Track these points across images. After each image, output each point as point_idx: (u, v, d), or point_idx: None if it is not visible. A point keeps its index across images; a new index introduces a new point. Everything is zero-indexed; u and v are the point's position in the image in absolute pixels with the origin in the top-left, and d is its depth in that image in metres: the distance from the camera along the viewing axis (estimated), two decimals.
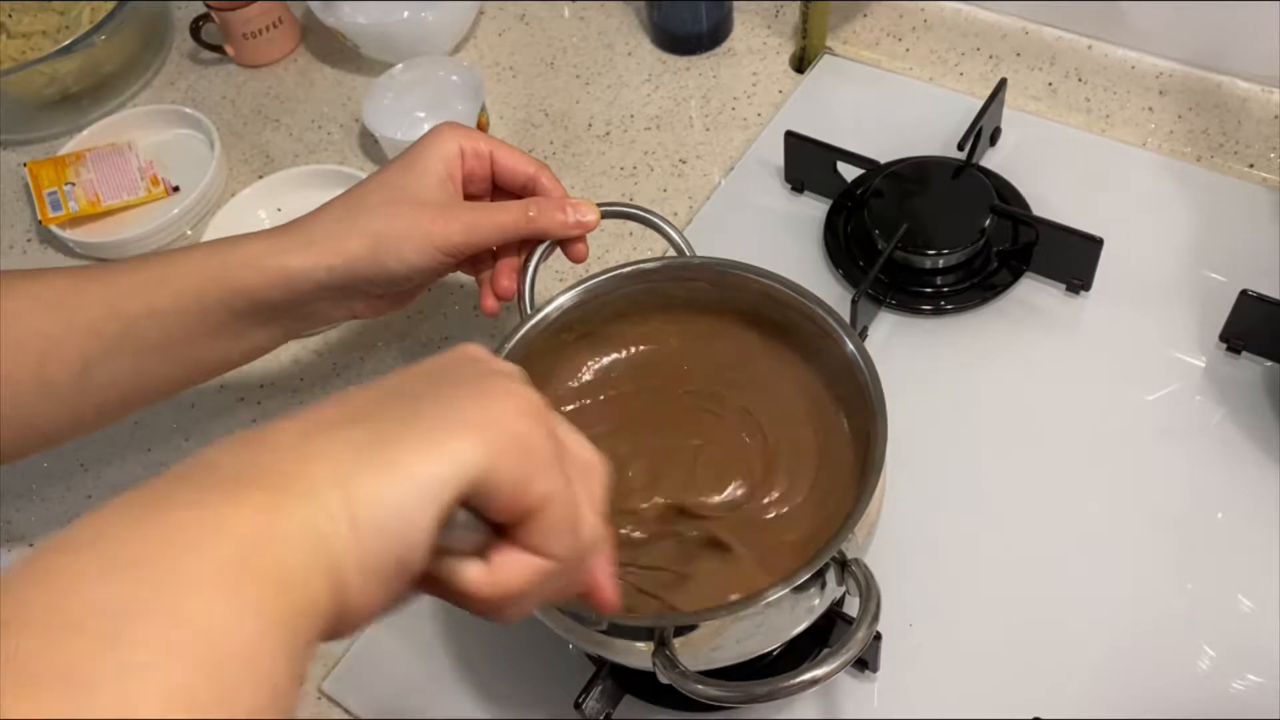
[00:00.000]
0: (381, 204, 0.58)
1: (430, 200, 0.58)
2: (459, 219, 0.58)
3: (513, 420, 0.34)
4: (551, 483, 0.35)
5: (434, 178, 0.58)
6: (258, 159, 0.96)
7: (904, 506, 0.62)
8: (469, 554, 0.35)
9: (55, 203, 0.91)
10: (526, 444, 0.34)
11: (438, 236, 0.58)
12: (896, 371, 0.58)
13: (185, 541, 0.28)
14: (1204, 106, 0.81)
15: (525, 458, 0.34)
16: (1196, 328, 0.72)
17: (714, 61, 0.95)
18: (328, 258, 0.57)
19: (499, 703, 0.63)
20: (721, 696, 0.47)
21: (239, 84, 1.03)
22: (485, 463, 0.32)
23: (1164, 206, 0.79)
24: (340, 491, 0.30)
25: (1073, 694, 0.58)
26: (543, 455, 0.35)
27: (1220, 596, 0.62)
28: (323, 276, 0.58)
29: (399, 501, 0.31)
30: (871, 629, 0.47)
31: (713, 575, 0.55)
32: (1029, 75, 0.87)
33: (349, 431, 0.32)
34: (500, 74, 0.98)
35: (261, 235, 0.60)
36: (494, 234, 0.59)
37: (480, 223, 0.58)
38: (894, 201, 0.77)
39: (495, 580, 0.35)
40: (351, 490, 0.30)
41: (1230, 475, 0.66)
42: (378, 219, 0.58)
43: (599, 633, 0.51)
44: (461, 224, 0.58)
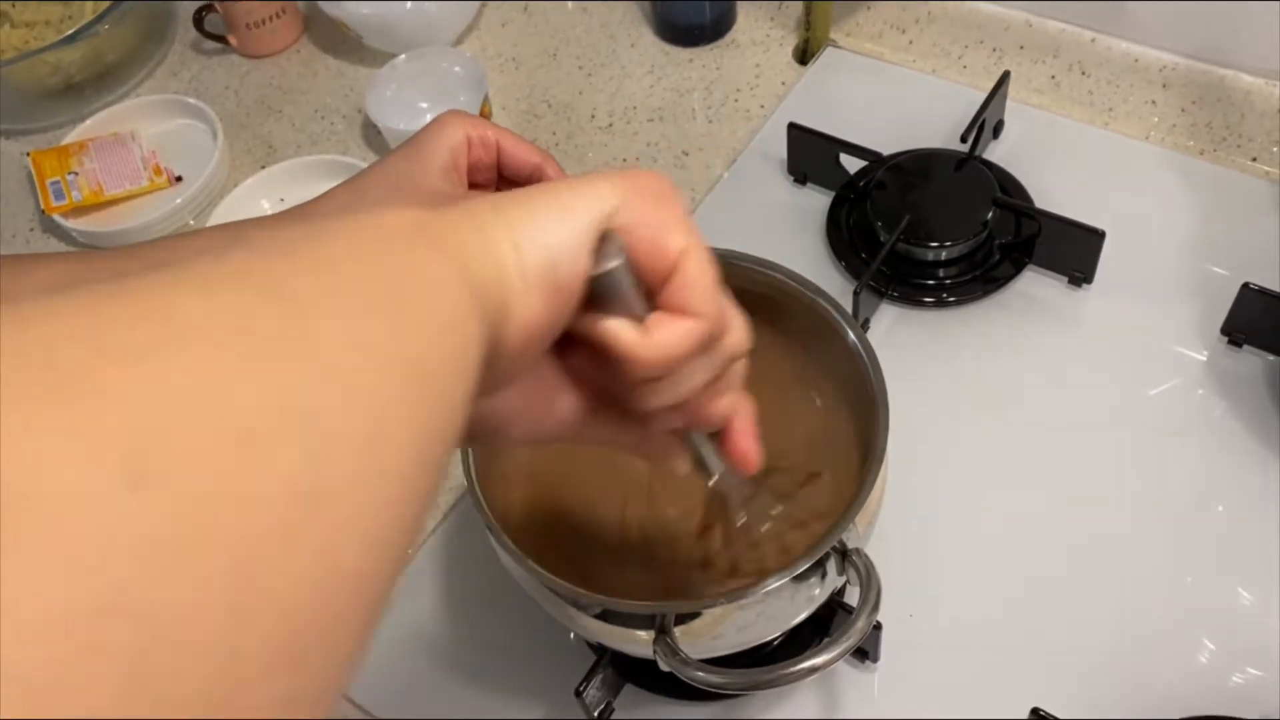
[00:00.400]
0: (385, 192, 0.58)
1: (434, 189, 0.57)
2: None
3: (646, 176, 0.37)
4: (688, 235, 0.37)
5: (438, 166, 0.58)
6: (260, 149, 0.96)
7: (906, 498, 0.62)
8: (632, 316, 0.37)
9: (58, 192, 0.92)
10: (658, 193, 0.37)
11: None
12: (898, 363, 0.58)
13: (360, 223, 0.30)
14: (1207, 100, 0.81)
15: (658, 205, 0.36)
16: (1198, 321, 0.72)
17: (717, 53, 0.95)
18: None
19: (500, 692, 0.63)
20: (721, 683, 0.47)
21: (242, 74, 1.03)
22: (618, 196, 0.35)
23: (1166, 200, 0.79)
24: (498, 213, 0.33)
25: (1072, 686, 0.58)
26: (675, 208, 0.37)
27: (1220, 590, 0.62)
28: None
29: (545, 221, 0.34)
30: (871, 619, 0.48)
31: None
32: (1032, 68, 0.87)
33: (498, 197, 0.35)
34: (503, 65, 0.98)
35: (264, 221, 0.60)
36: None
37: None
38: (896, 193, 0.77)
39: (652, 337, 0.36)
40: (509, 214, 0.33)
41: (1231, 468, 0.66)
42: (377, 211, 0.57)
43: (599, 620, 0.51)
44: None
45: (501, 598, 0.66)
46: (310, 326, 0.24)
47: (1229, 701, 0.57)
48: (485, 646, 0.65)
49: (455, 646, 0.66)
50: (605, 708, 0.61)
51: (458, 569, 0.69)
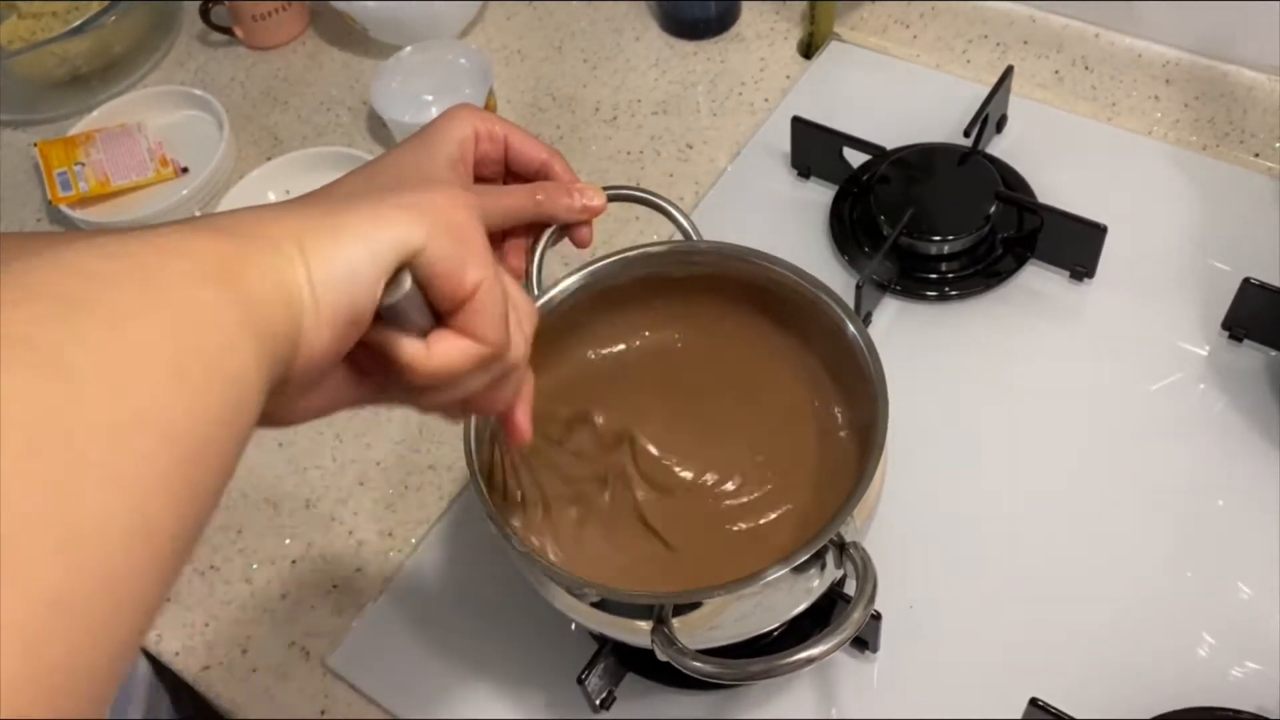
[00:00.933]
0: (391, 183, 0.58)
1: (441, 180, 0.58)
2: (463, 198, 0.58)
3: (450, 209, 0.39)
4: (484, 270, 0.39)
5: (445, 159, 0.58)
6: (266, 141, 0.97)
7: (906, 490, 0.62)
8: (415, 331, 0.39)
9: (65, 183, 0.92)
10: (462, 231, 0.39)
11: None
12: (900, 357, 0.58)
13: (169, 248, 0.31)
14: (1210, 96, 0.81)
15: (461, 242, 0.38)
16: (1199, 316, 0.72)
17: (721, 47, 0.95)
18: None
19: (502, 680, 0.64)
20: (717, 673, 0.47)
21: (248, 66, 1.03)
22: (423, 235, 0.37)
23: (1168, 195, 0.79)
24: (297, 247, 0.34)
25: (1071, 678, 0.58)
26: (476, 244, 0.39)
27: (1220, 584, 0.62)
28: None
29: (347, 258, 0.35)
30: (867, 611, 0.48)
31: None
32: (1036, 63, 0.87)
33: (301, 209, 0.36)
34: (508, 58, 0.98)
35: (266, 206, 0.60)
36: (500, 217, 0.59)
37: (488, 206, 0.58)
38: (900, 188, 0.78)
39: (432, 355, 0.39)
40: (306, 247, 0.34)
41: (1231, 463, 0.66)
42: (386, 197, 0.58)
43: (597, 609, 0.51)
44: None
45: (504, 587, 0.66)
46: (83, 410, 0.25)
47: (1227, 695, 0.57)
48: (488, 635, 0.66)
49: (458, 635, 0.66)
50: (607, 696, 0.61)
51: (461, 559, 0.69)
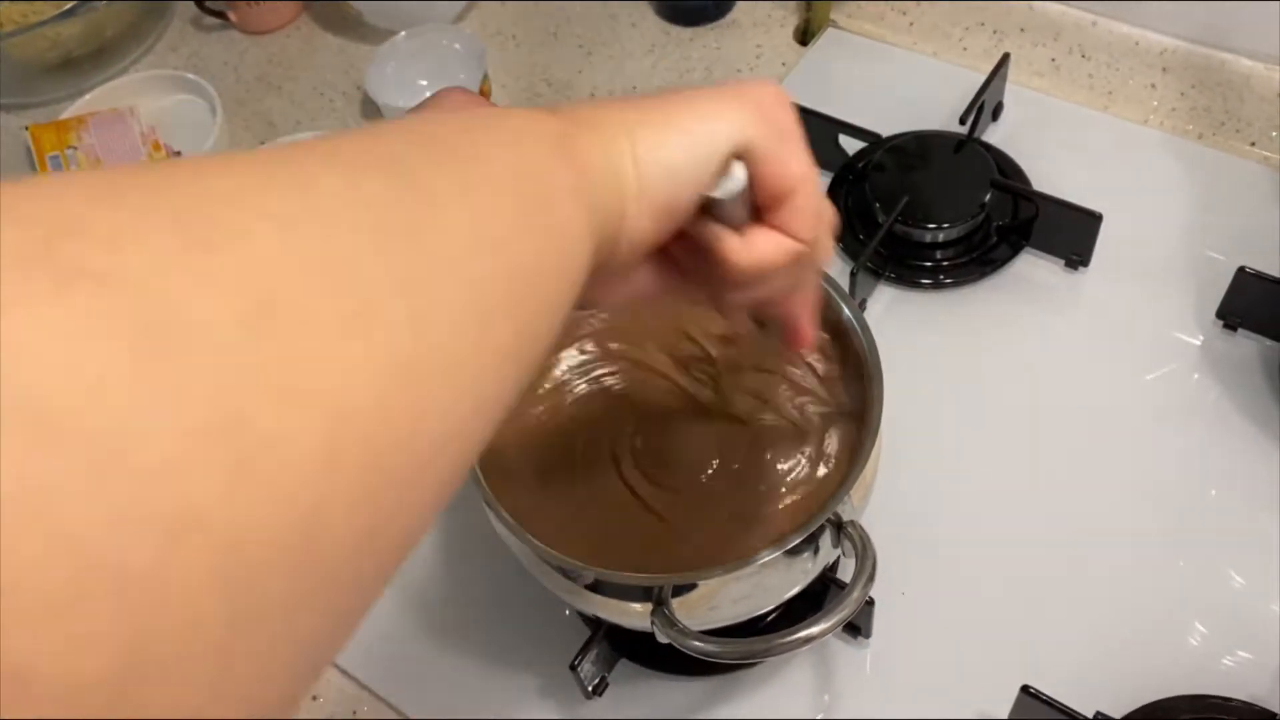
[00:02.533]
0: None
1: None
2: None
3: (776, 106, 0.38)
4: (806, 165, 0.39)
5: None
6: (260, 126, 0.96)
7: (900, 477, 0.62)
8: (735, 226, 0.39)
9: (57, 166, 0.92)
10: (787, 127, 0.38)
11: None
12: (894, 344, 0.58)
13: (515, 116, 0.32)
14: (1206, 84, 0.81)
15: (786, 137, 0.38)
16: (1194, 305, 0.72)
17: (718, 33, 0.95)
18: None
19: (495, 665, 0.64)
20: (718, 652, 0.48)
21: (241, 50, 1.03)
22: (751, 130, 0.37)
23: (1164, 184, 0.79)
24: (628, 135, 0.35)
25: (1063, 665, 0.58)
26: (799, 141, 0.39)
27: (1212, 573, 0.62)
28: None
29: (675, 148, 0.35)
30: (866, 589, 0.48)
31: None
32: (1032, 51, 0.87)
33: (635, 103, 0.37)
34: (503, 43, 0.98)
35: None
36: None
37: None
38: (895, 175, 0.77)
39: (750, 248, 0.39)
40: (637, 136, 0.35)
41: (1225, 452, 0.66)
42: None
43: (591, 591, 0.51)
44: None
45: (497, 572, 0.66)
46: (438, 221, 0.26)
47: (1219, 683, 0.57)
48: (479, 622, 0.66)
49: (449, 622, 0.66)
50: (600, 682, 0.61)
51: (455, 543, 0.69)
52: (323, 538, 0.21)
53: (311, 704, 0.64)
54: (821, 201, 0.41)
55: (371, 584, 0.24)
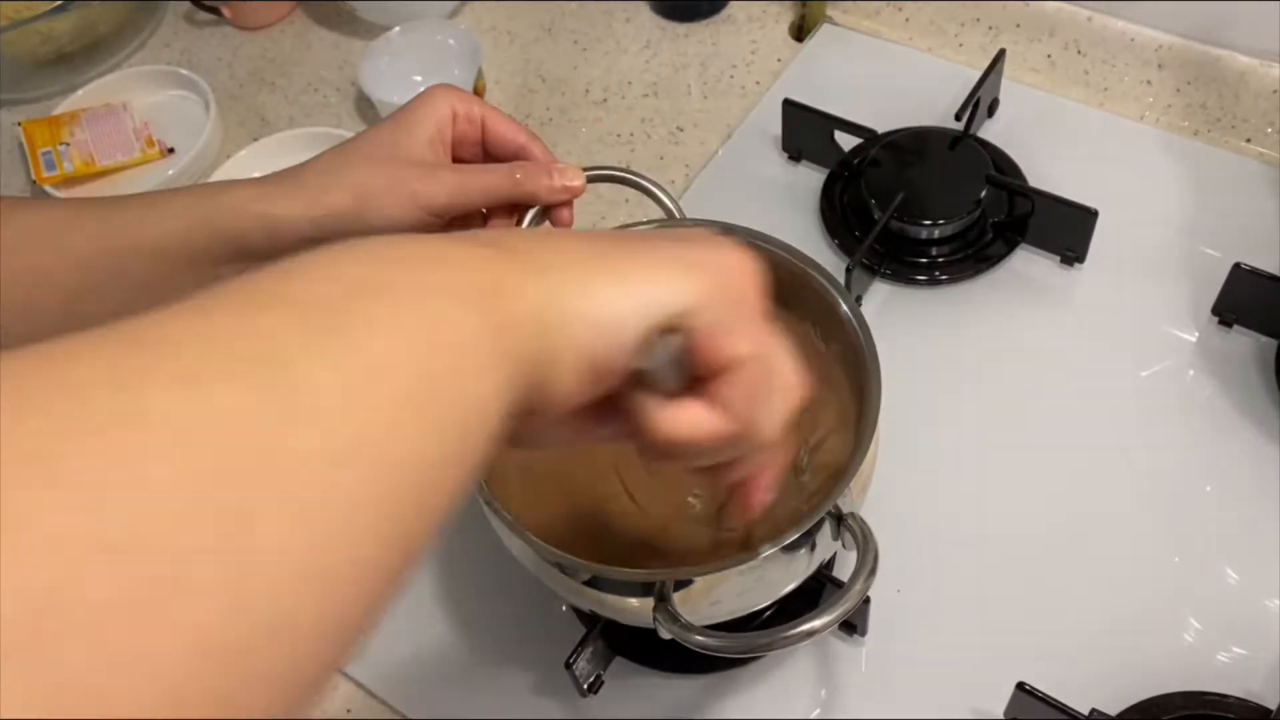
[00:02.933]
0: (368, 159, 0.58)
1: (418, 159, 0.58)
2: (445, 179, 0.58)
3: (735, 273, 0.36)
4: (755, 343, 0.36)
5: (424, 137, 0.58)
6: (253, 122, 0.96)
7: (894, 474, 0.62)
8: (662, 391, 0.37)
9: (50, 162, 0.91)
10: (741, 297, 0.36)
11: (422, 195, 0.58)
12: (890, 341, 0.58)
13: (435, 256, 0.30)
14: (1202, 80, 0.81)
15: (736, 308, 0.36)
16: (1189, 301, 0.72)
17: (713, 29, 0.95)
18: (311, 209, 0.57)
19: (490, 663, 0.64)
20: (722, 646, 0.48)
21: (235, 46, 1.03)
22: (699, 296, 0.35)
23: (1160, 180, 0.79)
24: (570, 279, 0.33)
25: (1059, 662, 0.58)
26: (752, 314, 0.37)
27: (1208, 569, 0.62)
28: (306, 228, 0.58)
29: (614, 307, 0.33)
30: (869, 581, 0.48)
31: None
32: (1028, 47, 0.86)
33: (585, 245, 0.35)
34: (498, 39, 0.98)
35: (250, 182, 0.60)
36: (480, 196, 0.59)
37: (467, 184, 0.58)
38: (891, 171, 0.77)
39: (675, 423, 0.36)
40: (581, 281, 0.33)
41: (1220, 448, 0.66)
42: (363, 174, 0.58)
43: (590, 587, 0.51)
44: (447, 185, 0.58)
45: (490, 570, 0.66)
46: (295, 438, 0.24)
47: (1214, 679, 0.57)
48: (474, 619, 0.66)
49: (444, 619, 0.66)
50: (595, 679, 0.61)
51: (450, 540, 0.69)
52: None
53: None
54: (773, 380, 0.37)
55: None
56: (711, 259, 0.36)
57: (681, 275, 0.35)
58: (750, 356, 0.36)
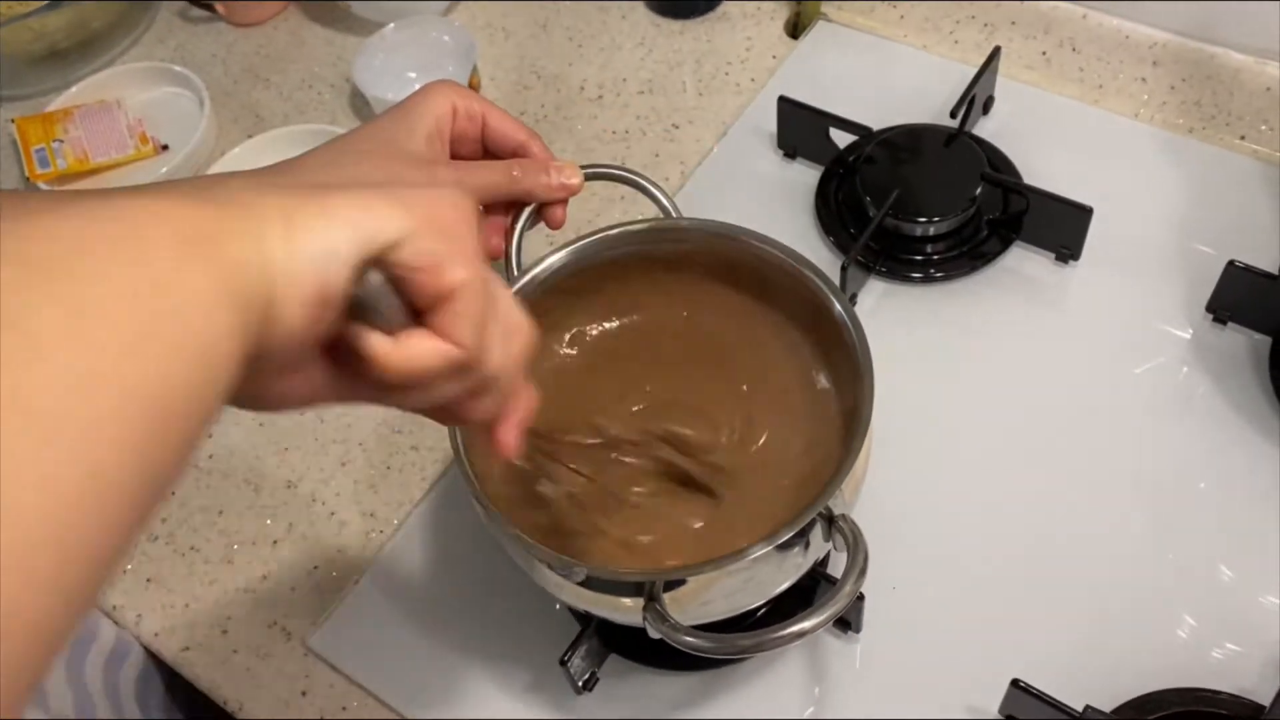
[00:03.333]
0: (367, 154, 0.58)
1: (416, 154, 0.57)
2: (442, 175, 0.58)
3: (445, 207, 0.38)
4: (468, 271, 0.37)
5: (423, 133, 0.58)
6: (247, 118, 0.96)
7: (889, 472, 0.62)
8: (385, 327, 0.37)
9: (43, 159, 0.91)
10: (452, 230, 0.37)
11: None
12: (885, 338, 0.58)
13: (149, 210, 0.31)
14: (1197, 78, 0.81)
15: (447, 239, 0.37)
16: (1184, 299, 0.72)
17: (708, 26, 0.95)
18: None
19: (484, 662, 0.64)
20: (710, 647, 0.48)
21: (229, 43, 1.02)
22: (407, 226, 0.36)
23: (1155, 177, 0.79)
24: (282, 220, 0.34)
25: (1053, 659, 0.58)
26: (464, 245, 0.38)
27: (1202, 566, 0.62)
28: None
29: (328, 237, 0.34)
30: (859, 583, 0.48)
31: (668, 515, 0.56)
32: (1023, 44, 0.86)
33: (296, 187, 0.36)
34: (493, 35, 0.97)
35: (247, 174, 0.60)
36: (478, 192, 0.59)
37: (464, 181, 0.58)
38: (886, 168, 0.77)
39: (399, 351, 0.37)
40: (292, 221, 0.34)
41: (1214, 446, 0.66)
42: (361, 168, 0.57)
43: (582, 586, 0.51)
44: (444, 180, 0.58)
45: (486, 568, 0.66)
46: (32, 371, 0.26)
47: (1208, 675, 0.58)
48: (469, 617, 0.66)
49: (439, 617, 0.66)
50: (590, 678, 0.61)
51: (442, 540, 0.69)
52: None
53: (300, 700, 0.64)
54: (495, 308, 0.39)
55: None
56: (421, 194, 0.37)
57: (389, 206, 0.36)
58: (466, 281, 0.37)
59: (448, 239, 0.37)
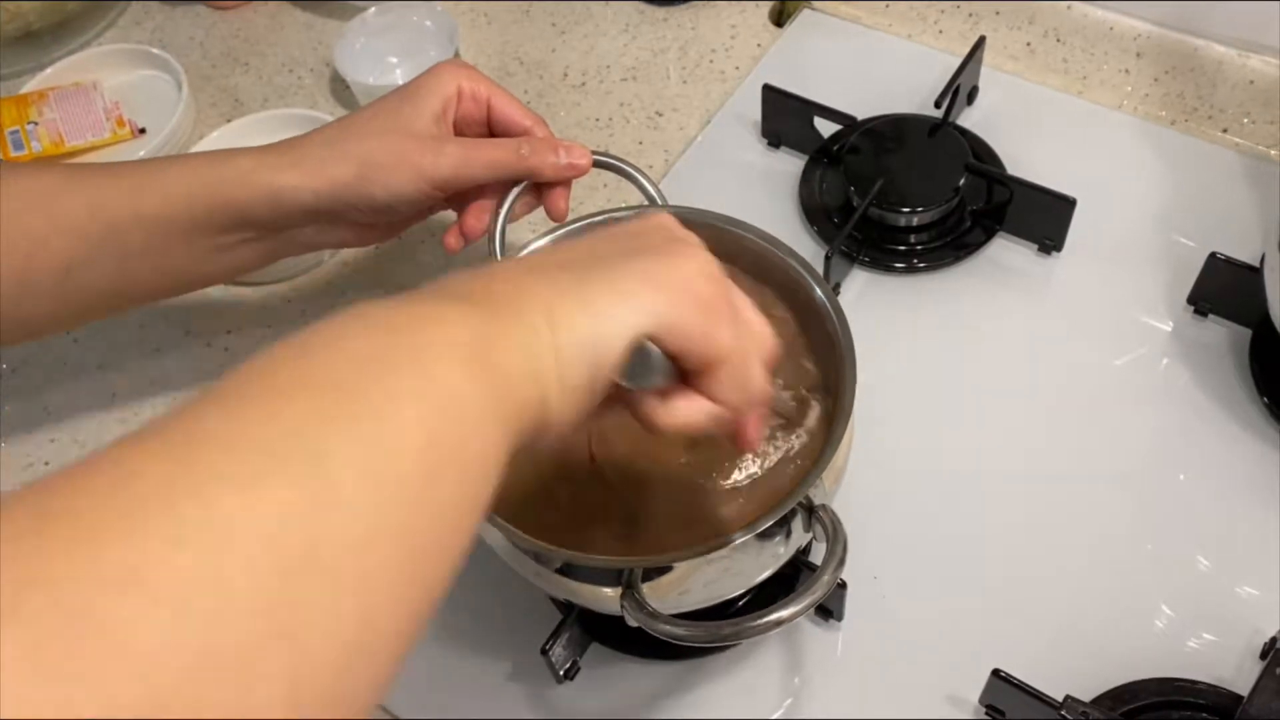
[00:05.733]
0: (374, 132, 0.58)
1: (423, 133, 0.57)
2: (449, 153, 0.58)
3: (697, 281, 0.39)
4: (728, 339, 0.39)
5: (430, 112, 0.58)
6: (226, 102, 0.95)
7: (872, 461, 0.62)
8: (656, 389, 0.40)
9: (17, 142, 0.90)
10: (708, 303, 0.39)
11: (426, 168, 0.57)
12: (868, 328, 0.58)
13: (428, 318, 0.32)
14: (1180, 70, 0.81)
15: (706, 314, 0.39)
16: (1165, 290, 0.72)
17: (692, 13, 0.94)
18: (313, 180, 0.57)
19: (465, 650, 0.63)
20: (687, 636, 0.47)
21: (208, 25, 1.01)
22: (669, 314, 0.37)
23: (1137, 169, 0.79)
24: (547, 319, 0.35)
25: (1032, 648, 0.59)
26: (722, 314, 0.40)
27: (1179, 557, 0.62)
28: (308, 199, 0.58)
29: (593, 332, 0.36)
30: (837, 573, 0.48)
31: None
32: (1008, 34, 0.86)
33: (557, 275, 0.37)
34: (474, 20, 0.97)
35: (253, 151, 0.60)
36: (484, 170, 0.59)
37: (471, 158, 0.58)
38: (870, 158, 0.77)
39: (670, 412, 0.40)
40: (556, 319, 0.35)
41: (1193, 437, 0.66)
42: (367, 146, 0.58)
43: (561, 575, 0.51)
44: (452, 158, 0.57)
45: (469, 555, 0.66)
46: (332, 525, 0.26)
47: (1186, 666, 0.58)
48: (449, 605, 0.65)
49: None
50: (571, 666, 0.61)
51: None
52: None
53: None
54: (753, 369, 0.41)
55: None
56: (676, 273, 0.39)
57: (652, 295, 0.37)
58: (731, 351, 0.39)
59: (707, 312, 0.39)
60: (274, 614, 0.24)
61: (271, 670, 0.23)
